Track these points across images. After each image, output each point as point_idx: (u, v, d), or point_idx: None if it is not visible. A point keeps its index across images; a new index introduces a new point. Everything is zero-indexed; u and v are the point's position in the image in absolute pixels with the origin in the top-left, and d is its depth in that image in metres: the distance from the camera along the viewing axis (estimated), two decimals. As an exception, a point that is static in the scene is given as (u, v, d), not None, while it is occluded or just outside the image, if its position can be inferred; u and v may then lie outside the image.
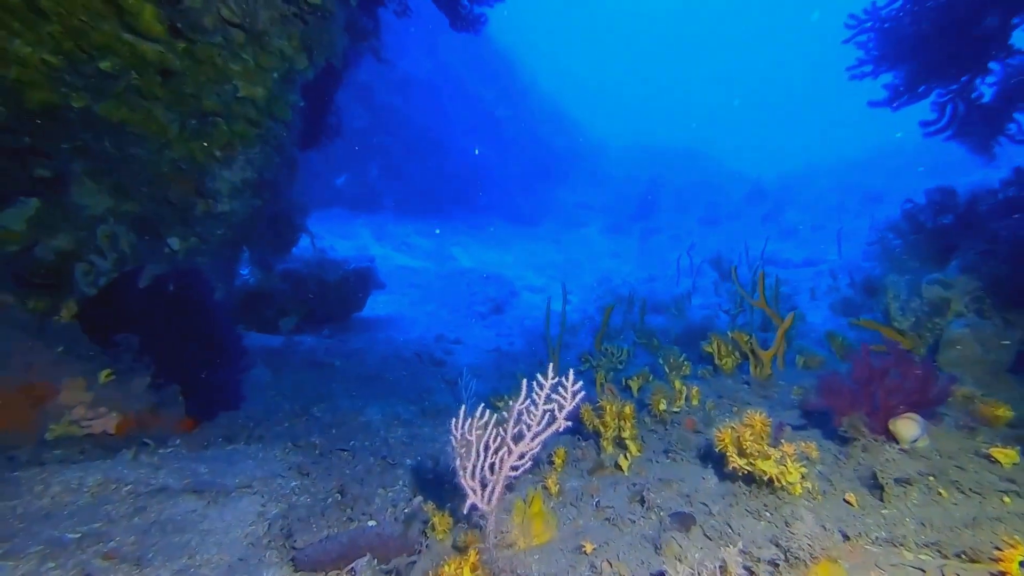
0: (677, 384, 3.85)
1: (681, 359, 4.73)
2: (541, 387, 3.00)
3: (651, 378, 4.82)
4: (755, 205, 21.23)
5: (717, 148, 30.77)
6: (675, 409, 3.77)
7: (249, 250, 7.59)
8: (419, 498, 3.87)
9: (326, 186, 18.07)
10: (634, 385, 4.72)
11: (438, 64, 20.93)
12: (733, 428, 2.62)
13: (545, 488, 3.35)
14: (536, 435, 3.00)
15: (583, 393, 2.95)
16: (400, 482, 4.17)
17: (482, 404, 3.08)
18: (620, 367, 5.72)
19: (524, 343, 9.06)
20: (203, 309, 4.53)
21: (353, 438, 5.04)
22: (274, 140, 6.51)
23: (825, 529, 2.11)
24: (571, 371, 3.00)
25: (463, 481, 2.98)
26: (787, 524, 2.24)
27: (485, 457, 3.01)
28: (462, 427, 3.07)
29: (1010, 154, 5.72)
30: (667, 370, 4.80)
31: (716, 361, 4.46)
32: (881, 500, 2.22)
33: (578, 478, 3.52)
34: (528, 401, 3.02)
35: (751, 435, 2.54)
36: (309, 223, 10.95)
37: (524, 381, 3.04)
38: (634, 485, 3.07)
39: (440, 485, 4.09)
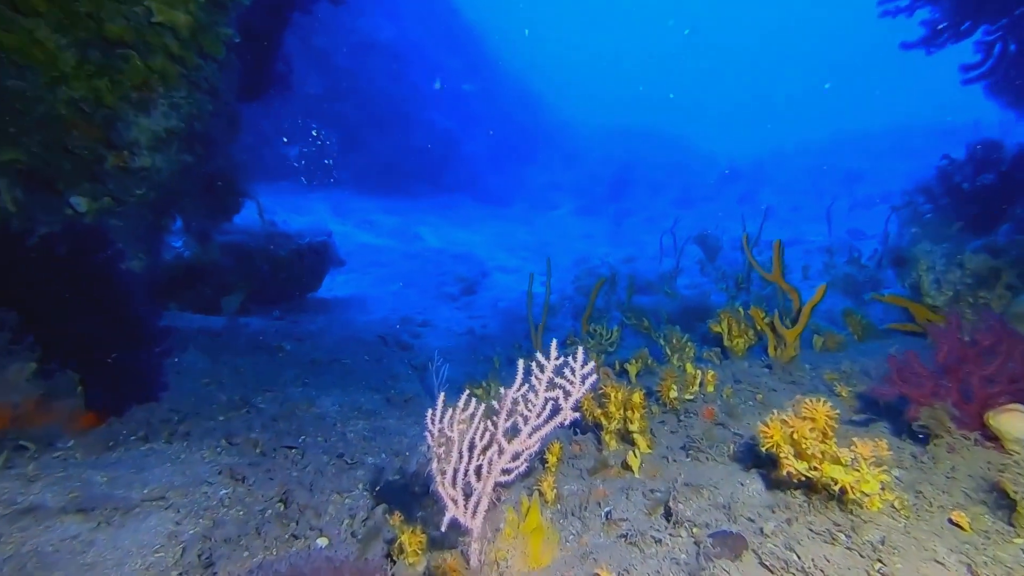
0: (689, 367, 3.26)
1: (684, 339, 4.18)
2: (542, 369, 2.34)
3: (651, 361, 4.24)
4: (730, 186, 21.17)
5: (689, 130, 30.66)
6: (688, 397, 3.19)
7: (182, 218, 6.55)
8: (382, 507, 3.16)
9: (278, 155, 16.68)
10: (632, 369, 4.13)
11: (400, 30, 19.60)
12: (785, 421, 2.03)
13: (540, 493, 2.71)
14: (535, 429, 2.34)
15: (595, 377, 2.31)
16: (359, 486, 3.45)
17: (465, 392, 2.39)
18: (611, 349, 5.13)
19: (499, 325, 8.39)
20: (106, 278, 3.61)
21: (303, 432, 4.26)
22: (206, 83, 5.49)
23: (943, 565, 1.54)
24: (580, 349, 2.36)
25: (441, 489, 2.29)
26: (876, 552, 1.67)
27: (470, 459, 2.33)
28: (440, 420, 2.37)
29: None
30: (668, 352, 4.24)
31: (725, 342, 3.92)
32: (1011, 524, 1.67)
33: (577, 480, 2.90)
34: (525, 387, 2.36)
35: (811, 431, 1.95)
36: (259, 195, 9.85)
37: (521, 363, 2.37)
38: (652, 491, 2.47)
39: (409, 491, 3.40)
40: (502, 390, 2.40)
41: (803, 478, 1.96)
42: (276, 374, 5.50)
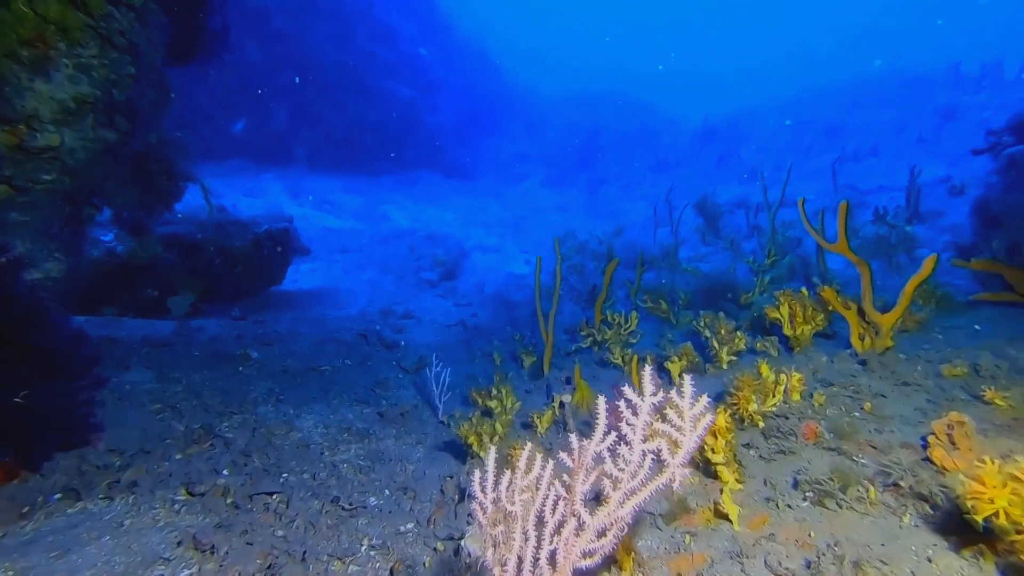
0: (765, 370, 2.68)
1: (732, 327, 3.60)
2: (635, 410, 1.69)
3: (697, 359, 3.66)
4: (707, 147, 20.68)
5: (658, 93, 29.99)
6: (770, 408, 2.61)
7: (108, 207, 5.44)
8: (400, 574, 2.49)
9: (221, 133, 15.04)
10: (674, 369, 3.53)
11: (343, -14, 17.83)
12: (1019, 476, 1.44)
13: (615, 562, 2.08)
14: (629, 495, 1.70)
15: (711, 417, 1.69)
16: (364, 543, 2.76)
17: (527, 447, 1.73)
18: (634, 341, 4.53)
19: (490, 313, 7.68)
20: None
21: (284, 469, 3.50)
22: (122, 39, 4.39)
23: None
24: (687, 378, 1.72)
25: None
26: None
27: (539, 542, 1.66)
28: (494, 486, 1.69)
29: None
30: (715, 345, 3.66)
31: (787, 330, 3.36)
32: None
33: (652, 531, 2.29)
34: (611, 435, 1.71)
35: None
36: (204, 177, 8.60)
37: (602, 400, 1.71)
38: (780, 563, 1.83)
39: (425, 541, 2.73)
40: (572, 438, 1.74)
41: None
42: (243, 390, 4.65)
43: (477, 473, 1.73)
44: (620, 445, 1.68)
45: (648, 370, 1.76)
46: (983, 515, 1.42)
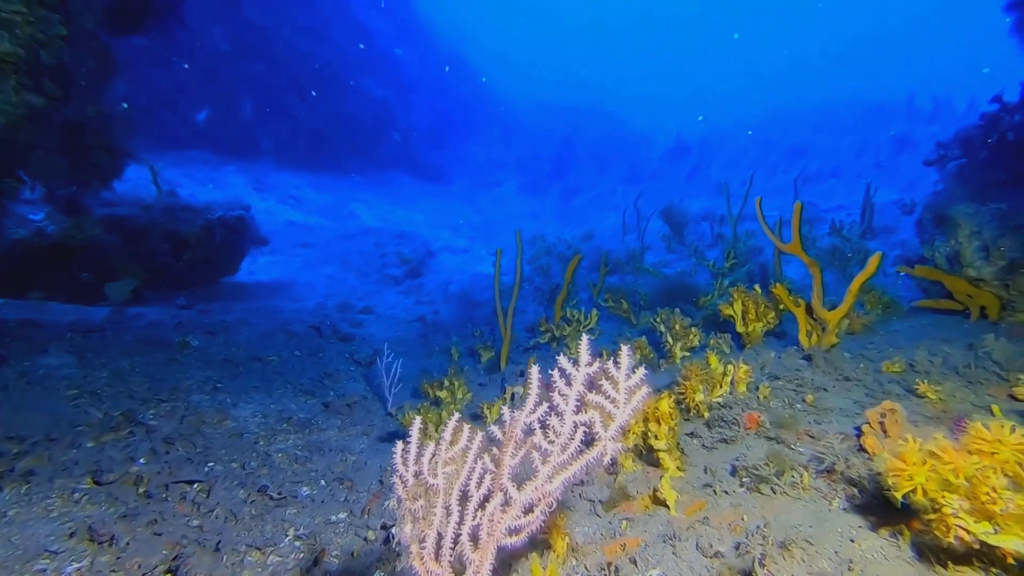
0: (714, 361, 2.61)
1: (687, 325, 3.55)
2: (568, 380, 1.57)
3: (652, 354, 3.59)
4: (678, 162, 21.22)
5: (632, 109, 30.64)
6: (716, 399, 2.54)
7: (35, 179, 5.03)
8: (325, 562, 2.27)
9: (183, 121, 14.44)
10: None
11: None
12: (936, 454, 1.39)
13: (548, 546, 1.93)
14: (559, 469, 1.56)
15: (646, 390, 1.58)
16: (290, 533, 2.53)
17: (456, 416, 1.57)
18: (592, 337, 4.43)
19: (452, 311, 7.48)
20: None
21: (211, 458, 3.22)
22: (55, -5, 4.07)
23: None
24: (624, 347, 1.60)
25: (419, 566, 1.45)
26: None
27: (461, 517, 1.50)
28: (416, 457, 1.53)
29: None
30: (669, 340, 3.59)
31: (739, 327, 3.32)
32: None
33: (590, 517, 2.16)
34: (543, 406, 1.58)
35: (994, 473, 1.32)
36: (162, 166, 8.17)
37: (535, 368, 1.58)
38: (711, 545, 1.73)
39: (356, 531, 2.52)
40: (504, 410, 1.60)
41: (978, 547, 1.32)
42: (177, 378, 4.31)
43: (400, 444, 1.56)
44: (552, 417, 1.55)
45: (585, 339, 1.64)
46: (902, 491, 1.37)
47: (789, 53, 46.01)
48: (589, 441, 1.59)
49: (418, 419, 1.64)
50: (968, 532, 1.29)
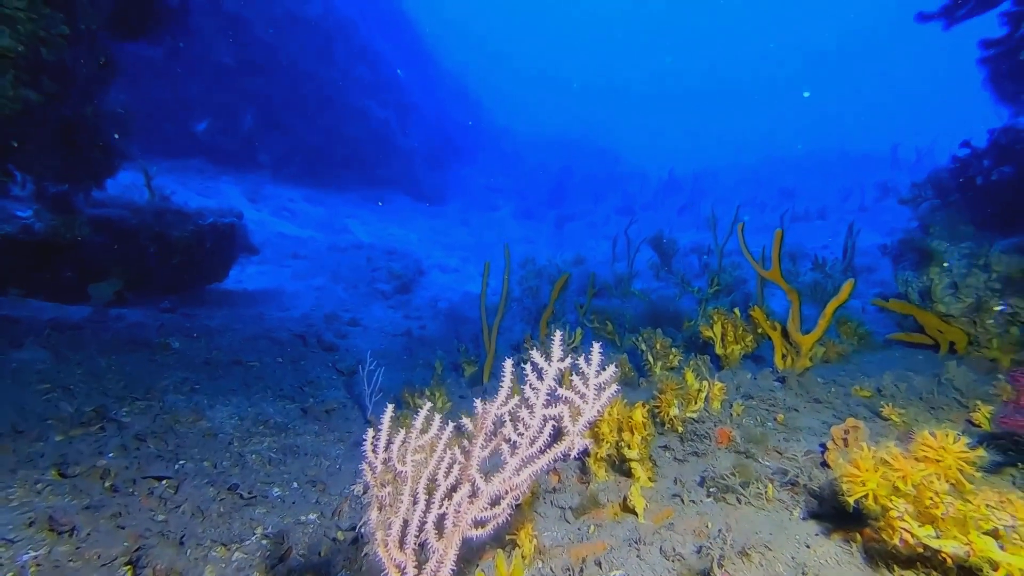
0: (691, 378, 2.66)
1: (668, 345, 3.61)
2: (540, 374, 1.60)
3: (632, 373, 3.63)
4: (670, 197, 21.75)
5: (626, 146, 31.52)
6: (690, 414, 2.58)
7: (25, 174, 5.04)
8: (291, 560, 2.23)
9: (183, 131, 14.58)
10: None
11: (328, 7, 18.10)
12: (888, 462, 1.45)
13: (515, 545, 1.93)
14: (527, 462, 1.57)
15: (615, 387, 1.62)
16: (257, 531, 2.48)
17: (426, 405, 1.59)
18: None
19: (439, 327, 7.48)
20: None
21: (183, 456, 3.16)
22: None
23: None
24: (596, 345, 1.65)
25: (383, 552, 1.46)
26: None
27: (428, 506, 1.50)
28: (386, 445, 1.54)
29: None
30: (650, 359, 3.64)
31: (718, 349, 3.39)
32: None
33: (560, 523, 2.16)
34: (514, 399, 1.61)
35: (937, 479, 1.38)
36: (159, 173, 8.20)
37: (509, 363, 1.62)
38: (675, 549, 1.76)
39: (326, 532, 2.47)
40: (477, 403, 1.63)
41: (919, 551, 1.36)
42: (153, 378, 4.25)
43: (370, 431, 1.57)
44: (522, 410, 1.57)
45: (559, 334, 1.68)
46: (855, 496, 1.41)
47: (786, 101, 48.10)
48: (557, 434, 1.62)
49: (390, 407, 1.66)
50: (912, 535, 1.33)
